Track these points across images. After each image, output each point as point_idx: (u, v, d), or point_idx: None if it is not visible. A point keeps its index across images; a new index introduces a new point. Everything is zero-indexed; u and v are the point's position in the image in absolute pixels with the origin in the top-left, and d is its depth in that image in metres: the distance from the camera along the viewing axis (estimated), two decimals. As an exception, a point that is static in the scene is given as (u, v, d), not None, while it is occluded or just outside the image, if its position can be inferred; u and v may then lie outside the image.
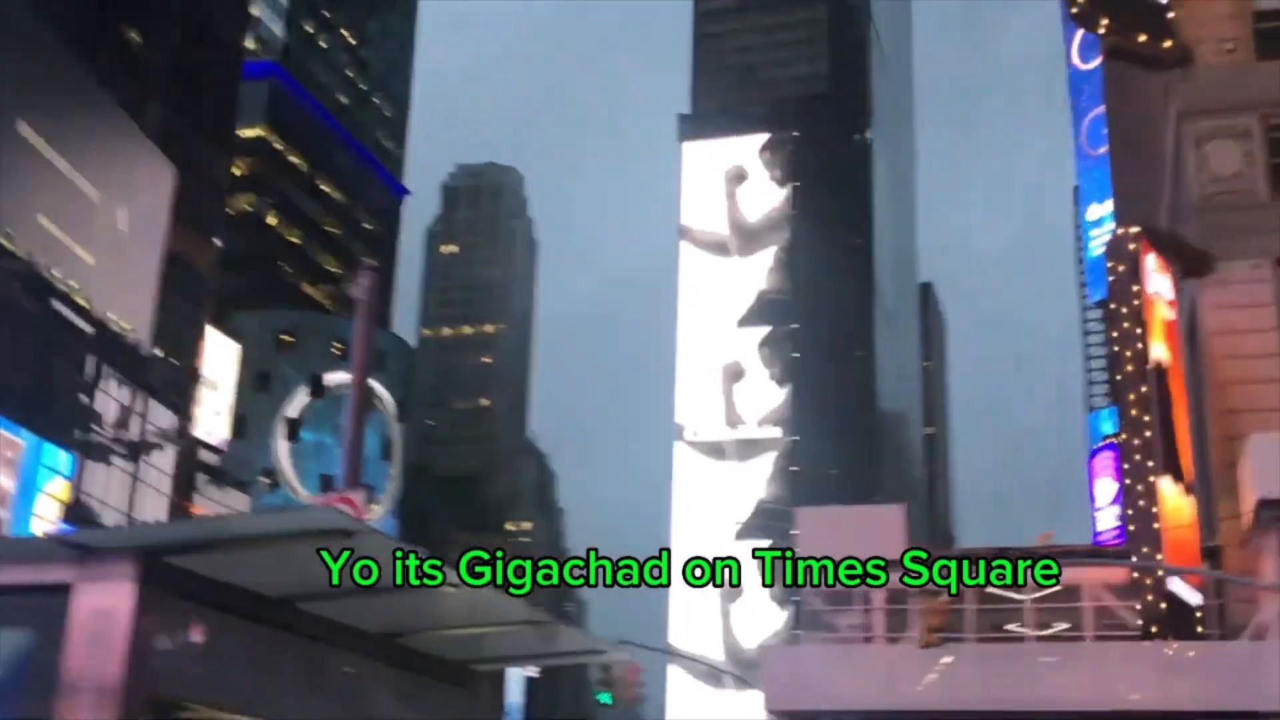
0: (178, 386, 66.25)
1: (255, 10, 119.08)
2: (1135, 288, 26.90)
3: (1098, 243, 75.10)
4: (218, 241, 76.84)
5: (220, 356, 79.42)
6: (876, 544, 28.27)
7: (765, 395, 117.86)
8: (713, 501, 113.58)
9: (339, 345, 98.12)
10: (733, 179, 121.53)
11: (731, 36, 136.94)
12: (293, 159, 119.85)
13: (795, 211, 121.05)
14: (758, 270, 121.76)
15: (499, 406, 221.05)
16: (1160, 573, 24.36)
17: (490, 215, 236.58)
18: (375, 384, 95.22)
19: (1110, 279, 27.06)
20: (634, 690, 26.25)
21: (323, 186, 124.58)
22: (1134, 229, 27.91)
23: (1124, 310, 26.79)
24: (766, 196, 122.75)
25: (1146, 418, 25.96)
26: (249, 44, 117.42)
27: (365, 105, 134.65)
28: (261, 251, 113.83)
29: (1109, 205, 66.85)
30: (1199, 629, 25.64)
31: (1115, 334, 26.74)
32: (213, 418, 77.15)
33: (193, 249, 77.62)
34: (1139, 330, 26.53)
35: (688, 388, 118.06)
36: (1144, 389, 26.11)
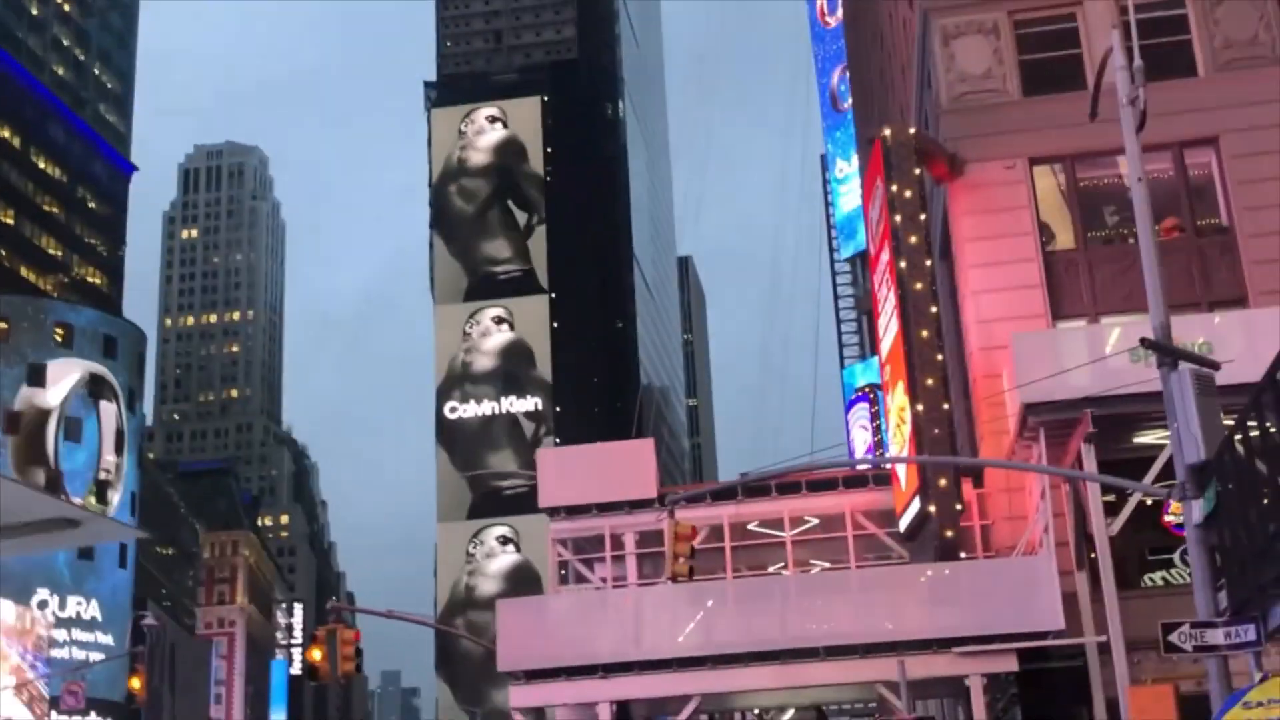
0: None
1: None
2: (915, 171, 24.85)
3: (846, 200, 75.37)
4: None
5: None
6: (627, 483, 25.79)
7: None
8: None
9: (60, 330, 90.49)
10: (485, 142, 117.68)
11: (476, 1, 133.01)
12: (2, 134, 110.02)
13: (549, 179, 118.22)
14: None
15: (250, 397, 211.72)
16: (890, 465, 22.49)
17: (233, 197, 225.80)
18: (102, 369, 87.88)
19: (885, 177, 25.01)
20: (347, 664, 22.90)
21: (38, 163, 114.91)
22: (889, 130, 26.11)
23: (905, 194, 24.67)
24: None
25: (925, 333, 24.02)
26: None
27: (85, 78, 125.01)
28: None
29: (855, 162, 66.70)
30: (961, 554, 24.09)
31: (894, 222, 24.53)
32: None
33: None
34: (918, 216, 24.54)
35: (446, 366, 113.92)
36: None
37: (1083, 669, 21.69)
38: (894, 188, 24.82)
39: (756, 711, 32.62)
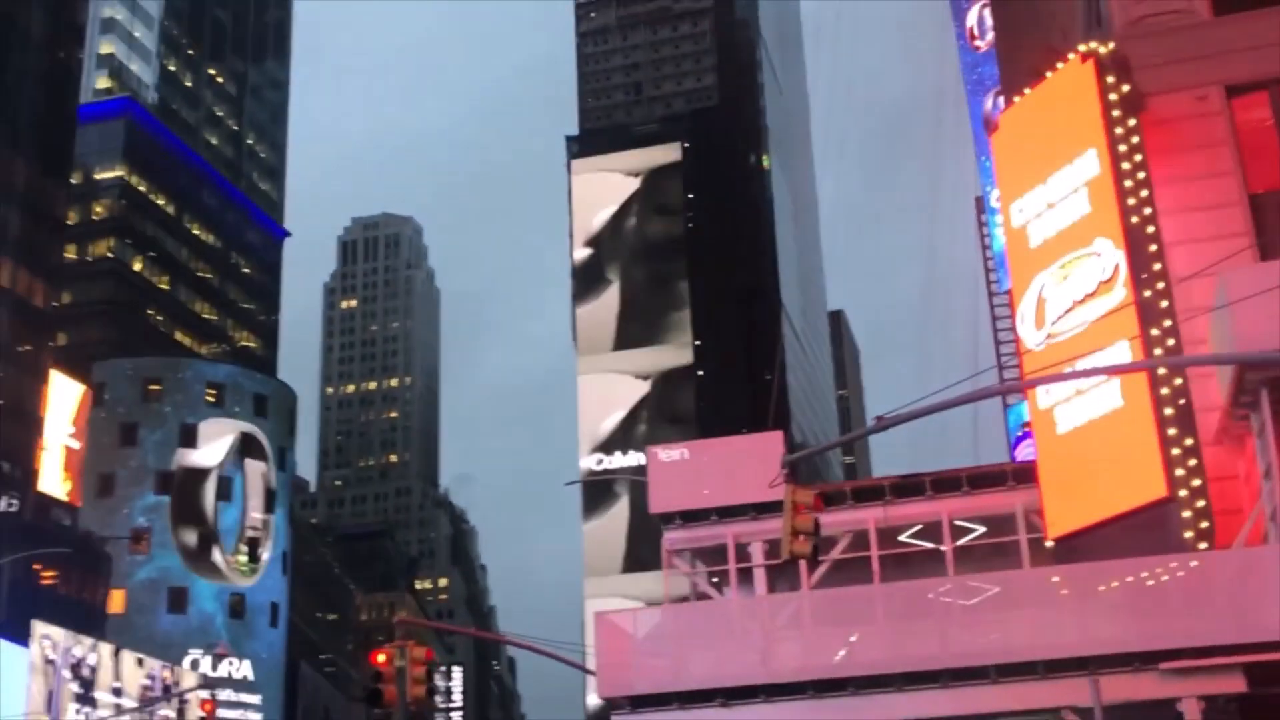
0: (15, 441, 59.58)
1: (110, 48, 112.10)
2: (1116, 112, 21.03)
3: (1002, 230, 70.81)
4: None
5: (66, 405, 72.17)
6: (754, 484, 22.05)
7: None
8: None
9: (212, 390, 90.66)
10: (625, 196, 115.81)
11: (617, 55, 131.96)
12: (158, 200, 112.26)
13: (690, 225, 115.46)
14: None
15: (408, 462, 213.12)
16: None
17: (389, 266, 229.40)
18: (253, 428, 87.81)
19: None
20: (418, 687, 19.55)
21: (193, 230, 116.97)
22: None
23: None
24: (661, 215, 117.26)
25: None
26: (103, 83, 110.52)
27: (239, 148, 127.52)
28: (128, 299, 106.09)
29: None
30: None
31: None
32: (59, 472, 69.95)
33: (30, 290, 70.54)
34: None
35: (591, 423, 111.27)
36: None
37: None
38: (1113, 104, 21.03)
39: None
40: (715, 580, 23.15)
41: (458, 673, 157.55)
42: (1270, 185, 21.26)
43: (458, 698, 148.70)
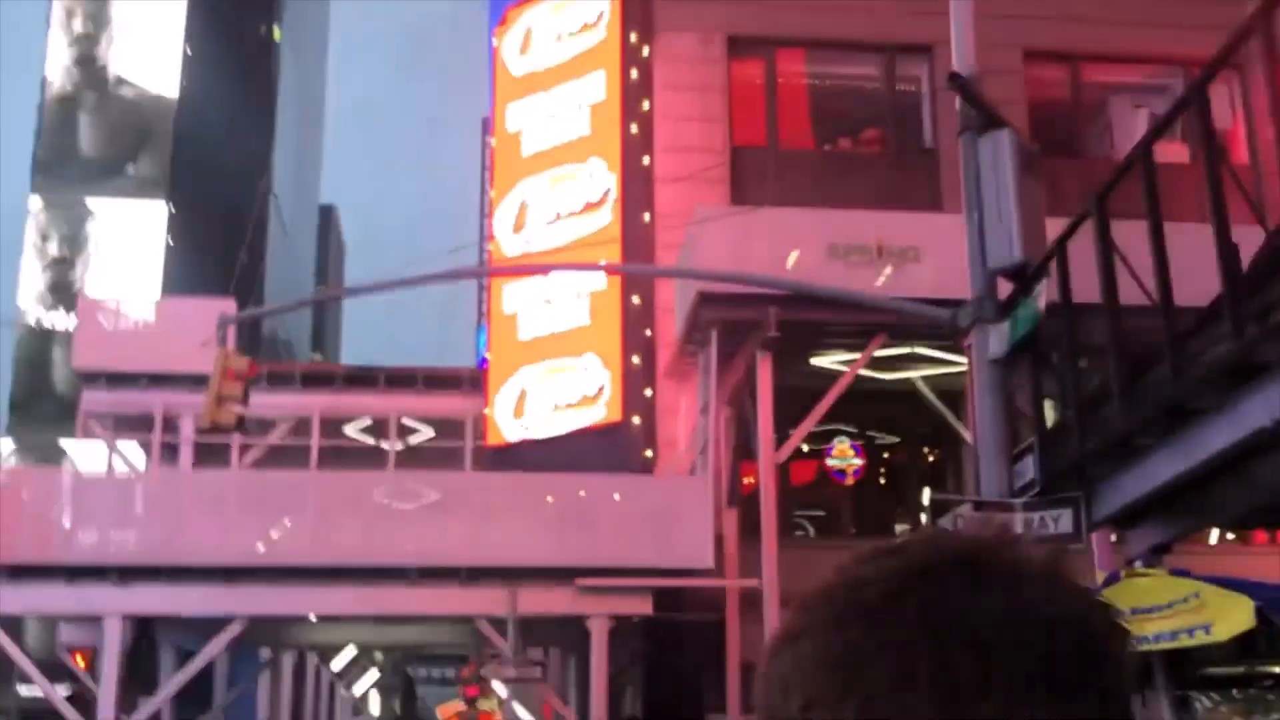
0: None
1: None
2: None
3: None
4: None
5: None
6: (196, 351, 20.19)
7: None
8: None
9: None
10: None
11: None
12: None
13: (185, 91, 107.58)
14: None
15: None
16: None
17: None
18: None
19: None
20: None
21: None
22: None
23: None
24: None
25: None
26: None
27: None
28: None
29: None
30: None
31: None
32: None
33: None
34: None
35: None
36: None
37: (721, 624, 18.22)
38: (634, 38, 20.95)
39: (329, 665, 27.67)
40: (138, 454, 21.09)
41: None
42: (751, 140, 22.12)
43: None
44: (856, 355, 18.35)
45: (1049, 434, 9.30)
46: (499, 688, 20.40)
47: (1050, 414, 9.78)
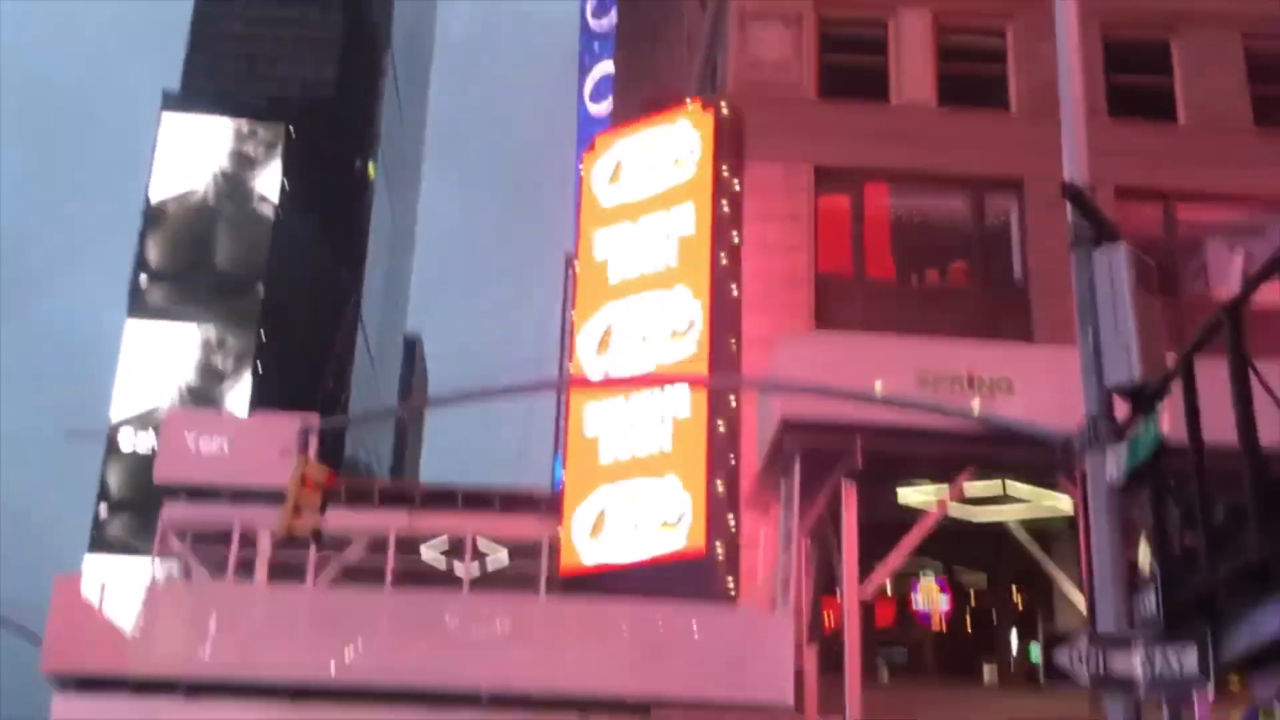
0: None
1: None
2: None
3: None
4: None
5: None
6: (274, 466, 20.21)
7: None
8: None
9: None
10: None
11: (236, 21, 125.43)
12: None
13: (279, 215, 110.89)
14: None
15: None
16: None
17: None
18: None
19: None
20: None
21: None
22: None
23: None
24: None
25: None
26: None
27: None
28: None
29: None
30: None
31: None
32: None
33: None
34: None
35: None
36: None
37: (801, 765, 17.49)
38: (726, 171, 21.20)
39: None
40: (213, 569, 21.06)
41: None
42: (835, 268, 22.01)
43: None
44: (943, 488, 17.87)
45: (1172, 565, 8.67)
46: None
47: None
